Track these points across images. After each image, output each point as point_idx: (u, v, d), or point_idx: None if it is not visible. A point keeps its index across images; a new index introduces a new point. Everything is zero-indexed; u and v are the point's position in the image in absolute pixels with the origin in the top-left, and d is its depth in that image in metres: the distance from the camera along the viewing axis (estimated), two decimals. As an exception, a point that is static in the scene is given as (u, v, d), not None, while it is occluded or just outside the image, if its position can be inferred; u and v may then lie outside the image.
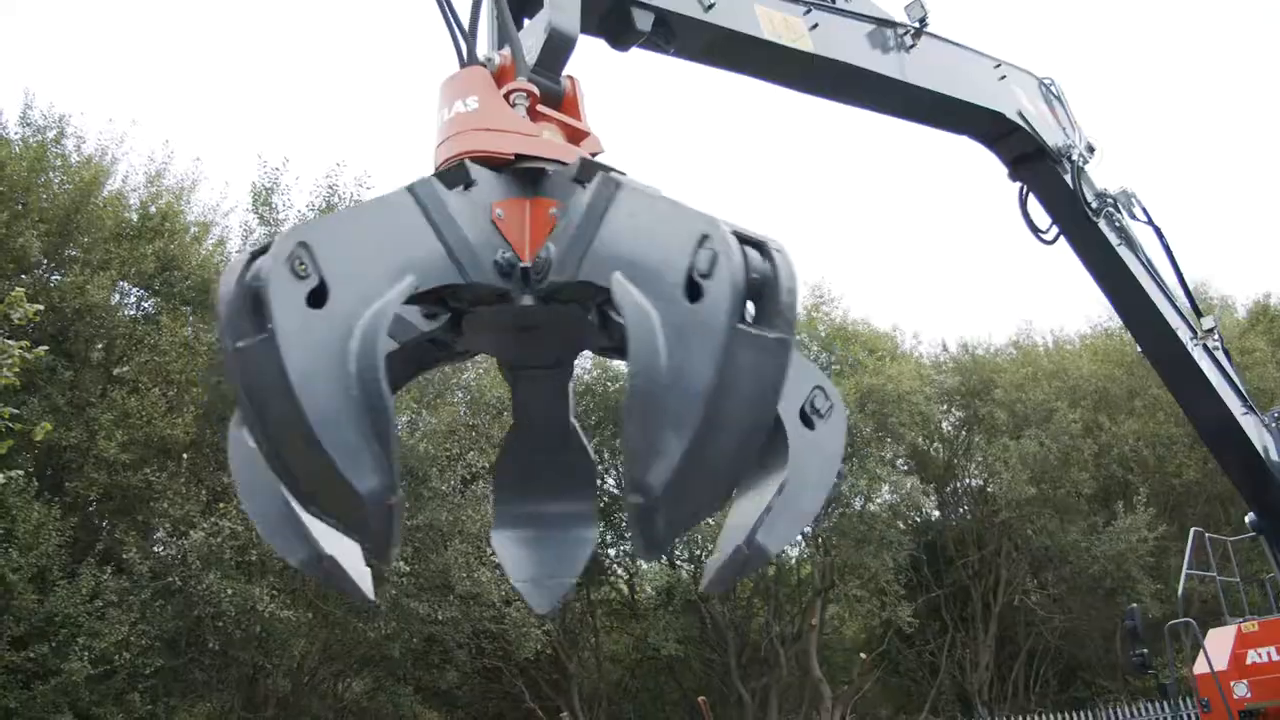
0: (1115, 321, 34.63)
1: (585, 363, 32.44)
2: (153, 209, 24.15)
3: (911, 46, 6.90)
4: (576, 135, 3.34)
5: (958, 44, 7.47)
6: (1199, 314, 9.32)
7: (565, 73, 3.66)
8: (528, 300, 2.64)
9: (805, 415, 2.56)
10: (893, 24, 6.80)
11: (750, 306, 2.10)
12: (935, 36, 7.13)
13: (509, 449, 3.24)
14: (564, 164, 2.89)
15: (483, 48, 3.70)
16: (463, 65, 3.49)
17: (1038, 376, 32.13)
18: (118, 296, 22.84)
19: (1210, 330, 9.20)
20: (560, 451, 3.13)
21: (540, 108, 3.28)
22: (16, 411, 12.88)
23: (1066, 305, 71.44)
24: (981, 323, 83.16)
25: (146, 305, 24.29)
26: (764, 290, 2.06)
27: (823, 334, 34.51)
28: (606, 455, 31.45)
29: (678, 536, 2.49)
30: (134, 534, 20.02)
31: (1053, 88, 8.51)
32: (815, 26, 6.08)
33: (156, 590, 19.37)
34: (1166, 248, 9.05)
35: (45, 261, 21.44)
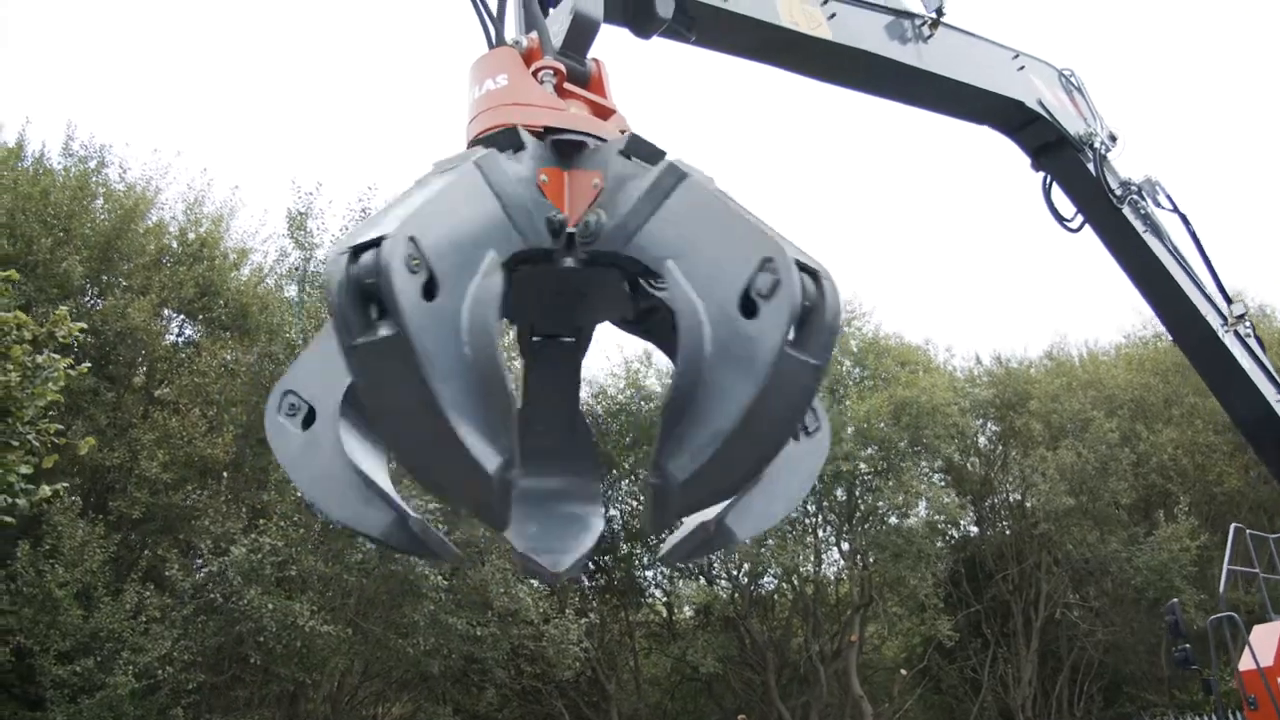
0: (1150, 330, 34.39)
1: (619, 382, 32.60)
2: (191, 236, 24.73)
3: (929, 37, 6.98)
4: (603, 112, 3.45)
5: (975, 35, 7.56)
6: (1229, 301, 9.27)
7: (590, 56, 3.82)
8: (570, 262, 2.72)
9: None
10: (910, 15, 6.90)
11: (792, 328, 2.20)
12: (952, 28, 7.21)
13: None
14: (594, 136, 3.01)
15: (510, 33, 3.89)
16: (491, 49, 3.66)
17: (1073, 386, 31.87)
18: (159, 321, 23.31)
19: (1241, 317, 9.14)
20: (569, 432, 3.12)
21: (567, 85, 3.42)
22: (62, 428, 13.20)
23: (1100, 318, 70.64)
24: (1015, 337, 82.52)
25: (187, 331, 24.85)
26: (810, 317, 2.16)
27: (855, 349, 34.46)
28: (642, 474, 31.45)
29: (682, 517, 2.50)
30: (175, 551, 20.37)
31: (1072, 78, 8.55)
32: (833, 16, 6.19)
33: (198, 606, 19.65)
34: (1193, 235, 9.04)
35: (88, 287, 21.96)
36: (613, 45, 4.13)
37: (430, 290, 2.10)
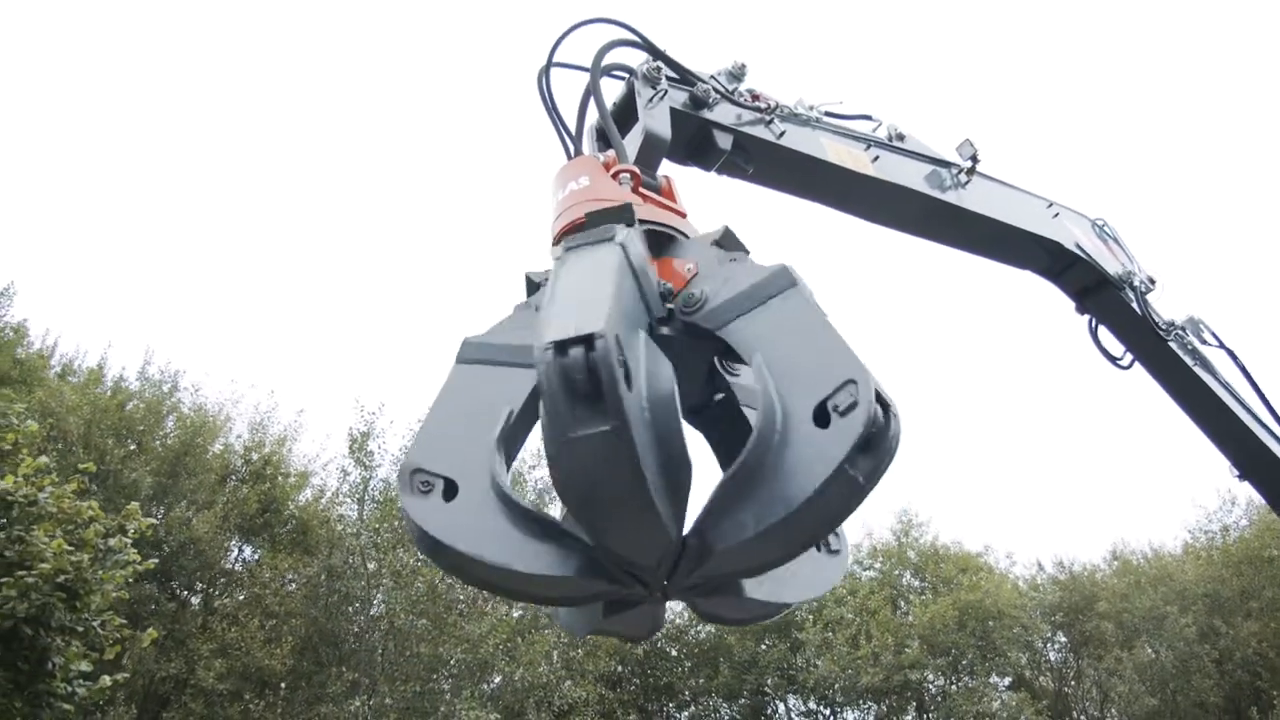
0: (1216, 523, 33.49)
1: (672, 623, 31.93)
2: (255, 456, 25.59)
3: (966, 183, 7.43)
4: (677, 214, 3.87)
5: (1009, 184, 8.02)
6: (1286, 430, 9.22)
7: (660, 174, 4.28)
8: (667, 331, 2.94)
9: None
10: (946, 164, 7.38)
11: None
12: (986, 176, 7.67)
13: None
14: (676, 230, 3.38)
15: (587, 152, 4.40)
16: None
17: (1141, 584, 30.83)
18: (223, 534, 23.69)
19: (1306, 444, 9.07)
20: None
21: (642, 189, 3.83)
22: (125, 622, 13.33)
23: (1160, 518, 68.82)
24: (1074, 542, 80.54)
25: (247, 552, 25.29)
26: (873, 441, 2.34)
27: (914, 559, 33.91)
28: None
29: (703, 588, 2.57)
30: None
31: (1106, 228, 8.90)
32: (876, 159, 6.71)
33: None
34: (1243, 368, 9.13)
35: (154, 503, 22.52)
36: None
37: (629, 380, 2.27)
